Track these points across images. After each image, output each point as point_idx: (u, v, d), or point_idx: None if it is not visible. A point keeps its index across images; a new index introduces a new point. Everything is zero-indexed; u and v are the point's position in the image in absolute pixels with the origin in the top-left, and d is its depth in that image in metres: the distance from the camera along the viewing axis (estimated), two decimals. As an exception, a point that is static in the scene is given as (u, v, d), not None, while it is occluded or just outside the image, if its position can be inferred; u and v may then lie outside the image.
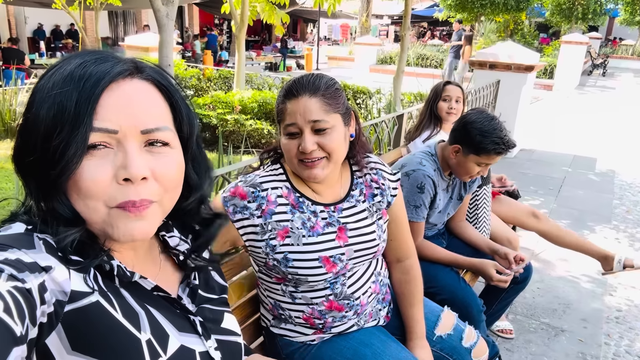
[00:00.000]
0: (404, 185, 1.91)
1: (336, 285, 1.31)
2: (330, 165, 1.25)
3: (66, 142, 0.62)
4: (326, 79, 1.27)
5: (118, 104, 0.66)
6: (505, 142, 1.82)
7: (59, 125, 0.62)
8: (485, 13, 18.09)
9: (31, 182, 0.67)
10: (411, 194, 1.91)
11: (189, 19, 21.07)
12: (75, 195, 0.65)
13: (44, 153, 0.63)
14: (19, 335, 0.52)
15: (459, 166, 1.95)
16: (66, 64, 0.67)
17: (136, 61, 0.72)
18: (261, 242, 1.26)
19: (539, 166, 5.71)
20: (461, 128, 1.91)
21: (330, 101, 1.22)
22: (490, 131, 1.83)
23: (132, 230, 0.68)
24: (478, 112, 1.92)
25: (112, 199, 0.66)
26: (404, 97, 6.06)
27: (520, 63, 5.51)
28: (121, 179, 0.65)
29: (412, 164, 1.96)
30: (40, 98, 0.65)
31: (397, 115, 3.30)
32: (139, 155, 0.66)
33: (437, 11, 22.43)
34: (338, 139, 1.24)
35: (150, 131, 0.68)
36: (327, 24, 23.42)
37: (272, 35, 23.06)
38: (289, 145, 1.24)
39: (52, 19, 15.34)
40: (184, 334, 0.76)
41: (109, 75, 0.65)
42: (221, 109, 6.25)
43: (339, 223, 1.31)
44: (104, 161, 0.65)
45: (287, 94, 1.24)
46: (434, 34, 29.57)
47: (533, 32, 21.76)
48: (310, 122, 1.20)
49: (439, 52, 15.51)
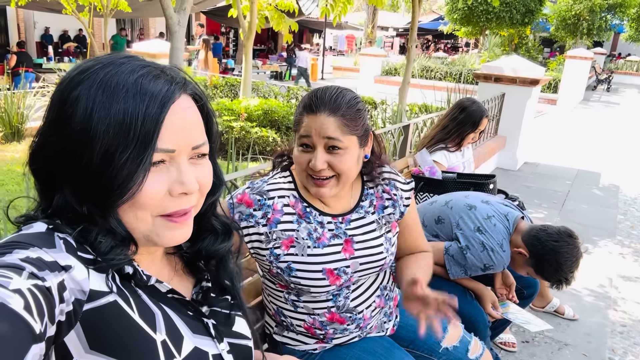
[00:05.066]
0: (472, 250, 1.83)
1: (339, 298, 1.30)
2: (339, 185, 1.24)
3: (131, 162, 0.63)
4: (349, 97, 1.22)
5: (176, 125, 0.68)
6: (565, 283, 1.77)
7: (123, 145, 0.63)
8: (490, 27, 18.20)
9: (67, 190, 0.67)
10: (473, 263, 1.84)
11: (196, 27, 21.21)
12: (127, 207, 0.67)
13: (102, 170, 0.64)
14: (38, 333, 0.52)
15: (513, 262, 1.88)
16: (112, 72, 0.66)
17: (184, 77, 0.73)
18: (265, 251, 1.25)
19: (543, 180, 5.70)
20: (543, 247, 1.77)
21: (349, 122, 1.19)
22: (566, 272, 1.74)
23: (177, 237, 0.73)
24: (571, 246, 1.76)
25: (162, 209, 0.69)
26: (409, 108, 6.08)
27: (525, 77, 5.53)
28: (177, 193, 0.69)
29: (493, 239, 1.83)
30: (89, 109, 0.64)
31: (404, 125, 3.31)
32: (190, 170, 0.70)
33: (442, 24, 22.57)
34: (350, 160, 1.21)
35: (199, 146, 0.72)
36: (332, 34, 23.58)
37: (279, 45, 23.20)
38: (301, 158, 1.23)
39: (60, 24, 15.46)
40: (197, 336, 0.77)
41: (171, 97, 0.67)
42: (227, 116, 6.28)
43: (346, 235, 1.29)
44: (160, 176, 0.68)
45: (306, 107, 1.21)
46: (438, 47, 29.72)
47: (538, 46, 21.85)
48: (324, 137, 1.18)
49: (443, 64, 15.55)
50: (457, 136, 2.70)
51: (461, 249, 1.86)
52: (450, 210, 1.99)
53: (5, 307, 0.50)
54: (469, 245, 1.85)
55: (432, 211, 2.08)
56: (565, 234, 1.78)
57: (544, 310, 2.81)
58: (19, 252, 0.58)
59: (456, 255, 1.88)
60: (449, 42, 32.01)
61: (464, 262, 1.85)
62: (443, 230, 2.01)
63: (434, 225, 2.04)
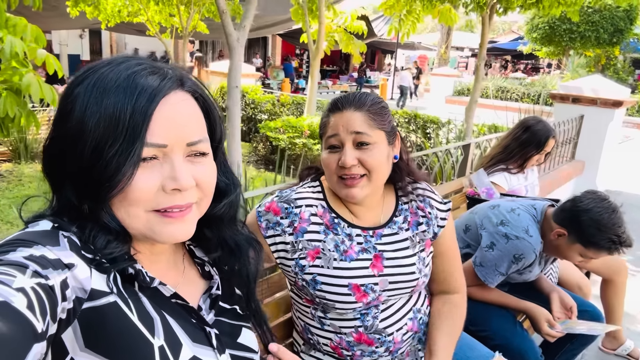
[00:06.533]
0: (497, 245, 1.72)
1: (367, 317, 1.23)
2: (370, 185, 1.19)
3: (119, 156, 0.63)
4: (373, 96, 1.24)
5: (168, 119, 0.67)
6: (622, 241, 1.59)
7: (112, 138, 0.63)
8: (574, 47, 17.22)
9: (67, 188, 0.68)
10: (501, 258, 1.71)
11: (272, 49, 22.04)
12: (118, 203, 0.67)
13: (93, 164, 0.64)
14: (40, 332, 0.52)
15: (557, 249, 1.73)
16: (109, 71, 0.67)
17: (180, 74, 0.73)
18: (291, 261, 1.22)
19: (627, 210, 5.18)
20: (573, 213, 1.66)
21: (375, 117, 1.18)
22: (609, 226, 1.58)
23: (174, 233, 0.70)
24: (598, 199, 1.65)
25: (155, 204, 0.68)
26: (478, 128, 5.84)
27: (606, 98, 5.12)
28: (170, 189, 0.67)
29: (516, 227, 1.72)
30: (85, 106, 0.65)
31: (464, 144, 3.17)
32: (185, 167, 0.69)
33: (522, 44, 21.74)
34: (380, 156, 1.18)
35: (194, 143, 0.70)
36: (404, 54, 23.48)
37: (350, 65, 23.47)
38: (329, 160, 1.20)
39: (148, 46, 16.70)
40: (198, 345, 0.75)
41: (162, 90, 0.67)
42: (291, 133, 6.40)
43: (375, 250, 1.24)
44: (151, 172, 0.67)
45: (332, 108, 1.22)
46: (517, 68, 28.61)
47: (628, 68, 20.30)
48: (352, 133, 1.16)
49: (520, 85, 14.90)
50: (519, 157, 2.51)
51: (486, 249, 1.74)
52: (475, 215, 1.91)
53: (9, 306, 0.50)
54: (493, 241, 1.73)
55: (460, 223, 2.01)
56: (586, 193, 1.71)
57: (616, 353, 2.52)
58: (23, 250, 0.59)
59: (484, 260, 1.75)
60: (529, 62, 30.74)
61: (493, 261, 1.72)
62: (472, 238, 1.91)
63: (464, 236, 1.96)
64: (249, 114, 8.56)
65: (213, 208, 0.79)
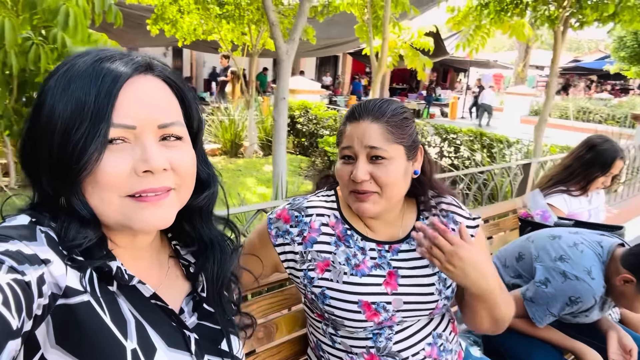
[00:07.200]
0: (552, 282, 1.54)
1: (380, 338, 1.14)
2: (382, 202, 1.11)
3: (86, 137, 0.63)
4: (395, 105, 1.14)
5: (135, 100, 0.67)
6: None
7: (78, 121, 0.64)
8: (668, 65, 15.84)
9: (43, 180, 0.68)
10: (555, 298, 1.53)
11: (342, 67, 22.30)
12: (91, 189, 0.66)
13: (61, 149, 0.64)
14: (15, 329, 0.52)
15: (622, 296, 1.54)
16: (78, 61, 0.68)
17: (148, 59, 0.73)
18: (300, 272, 1.16)
19: None
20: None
21: (394, 130, 1.10)
22: None
23: (150, 219, 0.68)
24: None
25: (129, 189, 0.66)
26: (549, 149, 5.47)
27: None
28: (141, 171, 0.66)
29: (577, 266, 1.54)
30: (54, 95, 0.66)
31: (524, 163, 2.95)
32: (157, 149, 0.67)
33: (608, 64, 20.39)
34: (395, 173, 1.09)
35: (166, 125, 0.69)
36: (478, 72, 22.78)
37: (420, 83, 23.15)
38: (342, 171, 1.14)
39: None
40: (173, 349, 0.72)
41: (127, 71, 0.67)
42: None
43: (390, 266, 1.15)
44: (122, 155, 0.66)
45: (349, 116, 1.15)
46: (604, 88, 26.77)
47: None
48: (367, 147, 1.09)
49: (605, 106, 13.88)
50: (582, 178, 2.28)
51: (539, 285, 1.56)
52: (532, 243, 1.71)
53: None
54: (548, 277, 1.54)
55: (513, 249, 1.82)
56: None
57: None
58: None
59: (535, 296, 1.57)
60: (617, 83, 28.67)
61: (545, 299, 1.53)
62: (524, 268, 1.72)
63: (516, 264, 1.77)
64: (312, 129, 8.64)
65: (194, 199, 0.78)
